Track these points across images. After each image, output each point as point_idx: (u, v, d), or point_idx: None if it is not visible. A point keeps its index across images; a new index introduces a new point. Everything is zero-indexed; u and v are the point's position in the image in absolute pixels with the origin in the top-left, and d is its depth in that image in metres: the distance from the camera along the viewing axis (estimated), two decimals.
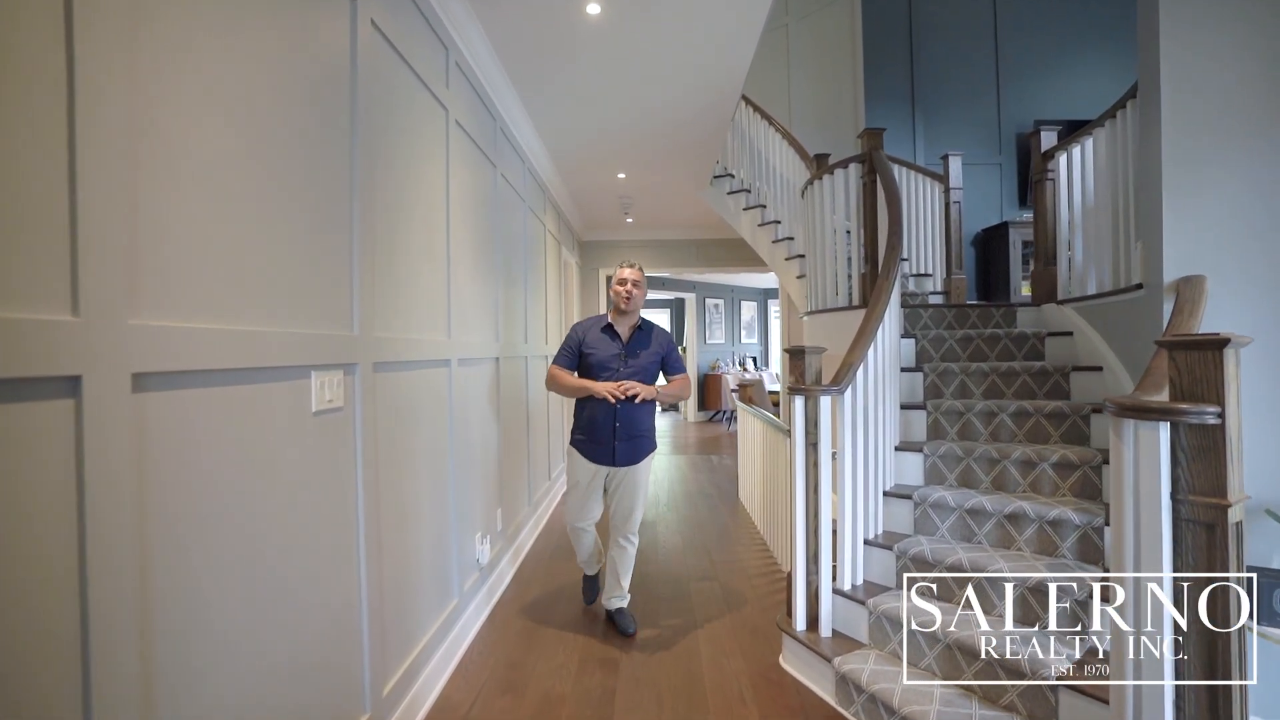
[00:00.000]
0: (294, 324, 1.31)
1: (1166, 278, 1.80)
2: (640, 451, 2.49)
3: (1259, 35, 1.72)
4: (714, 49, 2.74)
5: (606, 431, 2.43)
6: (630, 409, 2.42)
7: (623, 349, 2.48)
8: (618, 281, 2.50)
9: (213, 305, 1.06)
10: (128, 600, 0.87)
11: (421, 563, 2.04)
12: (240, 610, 1.13)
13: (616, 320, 2.52)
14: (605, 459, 2.46)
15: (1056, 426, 2.45)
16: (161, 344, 0.93)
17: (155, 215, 0.94)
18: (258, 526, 1.19)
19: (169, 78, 0.98)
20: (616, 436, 2.43)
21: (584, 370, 2.51)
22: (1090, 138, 2.75)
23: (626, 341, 2.49)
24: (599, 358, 2.47)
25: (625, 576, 2.59)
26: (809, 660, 2.16)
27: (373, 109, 1.70)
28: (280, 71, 1.28)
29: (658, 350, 2.53)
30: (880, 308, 2.39)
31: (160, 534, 0.94)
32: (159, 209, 0.95)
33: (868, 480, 2.30)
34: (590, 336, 2.51)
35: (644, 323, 2.57)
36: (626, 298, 2.47)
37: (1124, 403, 1.24)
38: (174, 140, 0.99)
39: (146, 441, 0.92)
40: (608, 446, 2.44)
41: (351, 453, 1.57)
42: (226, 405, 1.10)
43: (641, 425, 2.49)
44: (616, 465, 2.46)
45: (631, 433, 2.45)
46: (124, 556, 0.86)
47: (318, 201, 1.43)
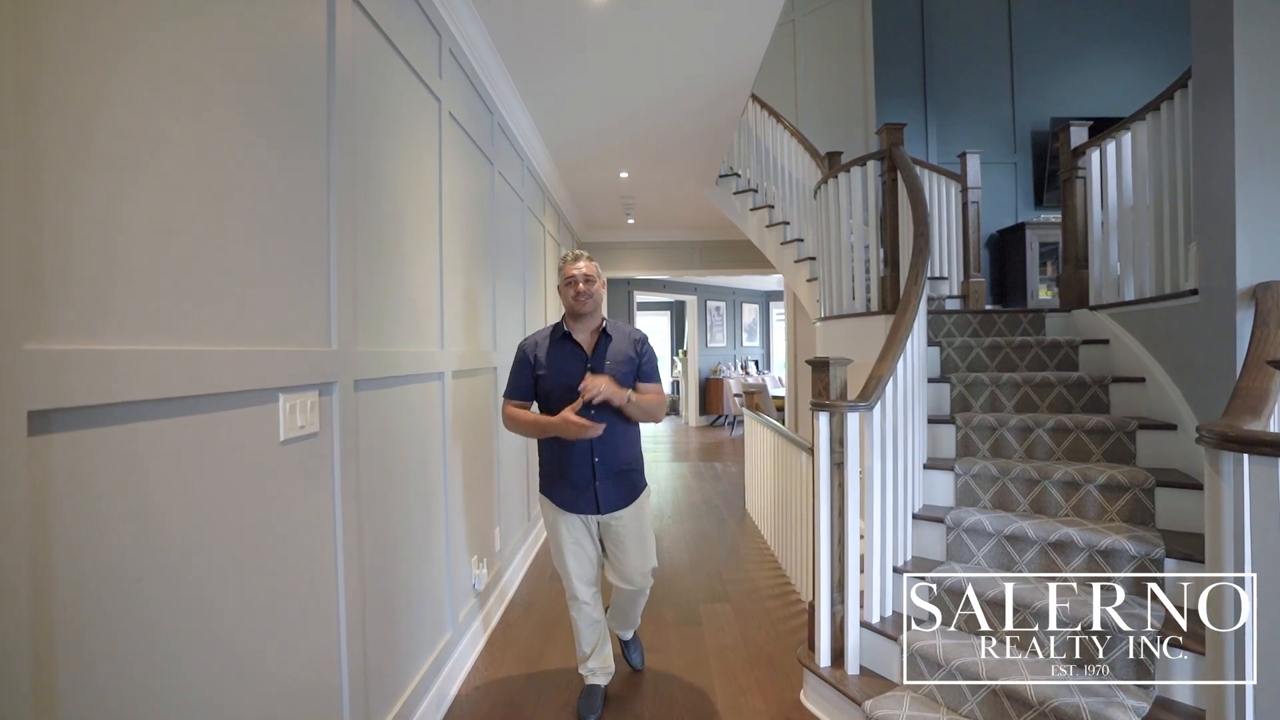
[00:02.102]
0: (256, 340, 1.12)
1: (1240, 283, 1.62)
2: (631, 490, 1.97)
3: None
4: (726, 37, 2.56)
5: (582, 470, 1.90)
6: (610, 437, 1.89)
7: (589, 361, 1.94)
8: (565, 280, 1.94)
9: (147, 323, 0.88)
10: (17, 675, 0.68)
11: (410, 598, 1.85)
12: (187, 675, 0.94)
13: (574, 327, 1.98)
14: (587, 506, 1.93)
15: (1099, 443, 2.27)
16: (72, 373, 0.74)
17: (68, 215, 0.76)
18: (210, 586, 1.00)
19: (116, 59, 0.79)
20: (596, 475, 1.91)
21: (543, 397, 1.95)
22: (1127, 133, 2.58)
23: (591, 351, 1.96)
24: (559, 377, 1.92)
25: (635, 614, 2.19)
26: (834, 700, 1.97)
27: (355, 98, 1.52)
28: (243, 54, 1.10)
29: (631, 354, 1.98)
30: (909, 315, 2.20)
31: (72, 600, 0.76)
32: (71, 207, 0.77)
33: (896, 502, 2.12)
34: (543, 353, 1.97)
35: (609, 324, 2.01)
36: (582, 298, 1.93)
37: (1228, 433, 1.06)
38: (94, 124, 0.80)
39: (50, 494, 0.73)
40: (586, 490, 1.92)
41: (329, 483, 1.39)
42: (166, 443, 0.91)
43: (627, 454, 1.97)
44: (602, 513, 1.94)
45: (614, 467, 1.93)
46: (16, 657, 0.68)
47: (288, 201, 1.24)
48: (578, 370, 1.92)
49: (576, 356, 1.95)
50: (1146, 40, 5.00)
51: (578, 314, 1.96)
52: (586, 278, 1.94)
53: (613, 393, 1.82)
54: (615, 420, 1.91)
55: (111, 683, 0.81)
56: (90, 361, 0.77)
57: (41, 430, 0.71)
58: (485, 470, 2.71)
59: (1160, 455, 2.19)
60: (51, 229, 0.74)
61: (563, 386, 1.90)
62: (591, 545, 2.01)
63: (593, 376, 1.84)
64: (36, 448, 0.71)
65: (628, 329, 2.05)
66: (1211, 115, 1.78)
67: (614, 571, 2.06)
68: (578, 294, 1.93)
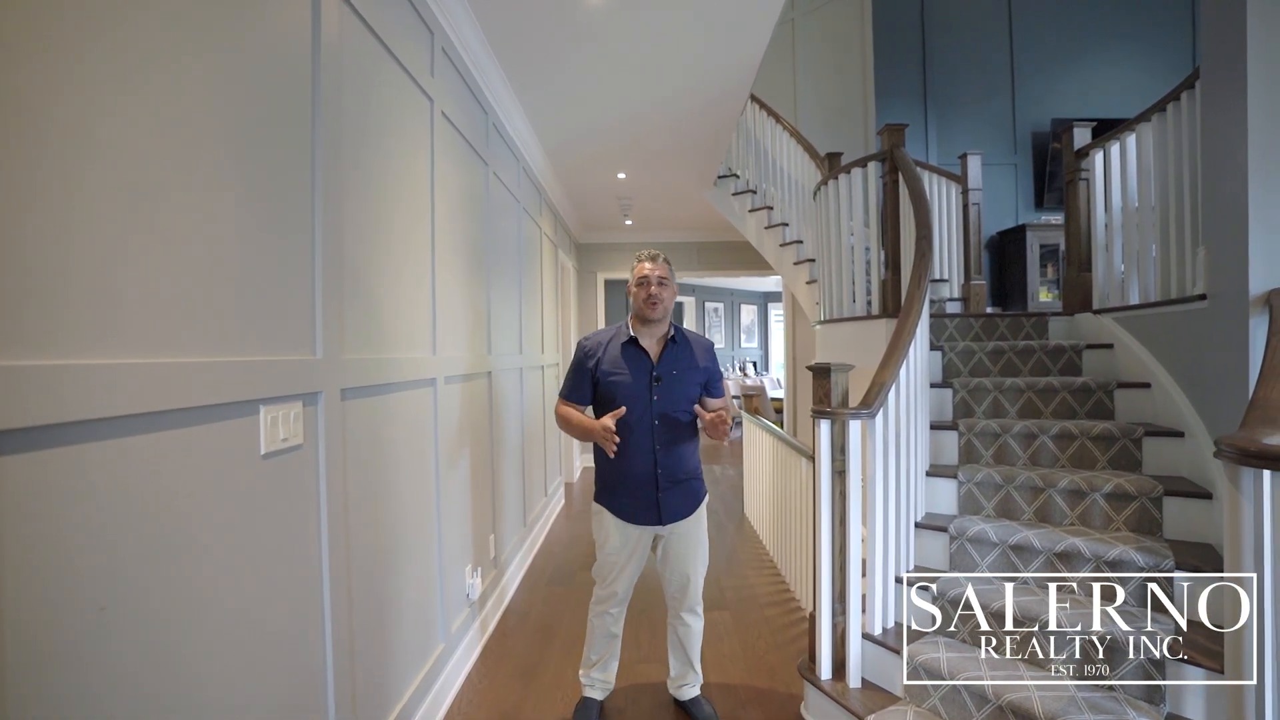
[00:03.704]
0: (233, 350, 1.07)
1: (1253, 289, 1.58)
2: (692, 500, 1.92)
3: None
4: (726, 37, 2.51)
5: (645, 482, 1.84)
6: (673, 439, 1.84)
7: (654, 369, 1.85)
8: (636, 281, 1.86)
9: (108, 333, 0.83)
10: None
11: (402, 611, 1.80)
12: (156, 708, 0.89)
13: (640, 331, 1.88)
14: (649, 518, 1.86)
15: (1104, 450, 2.23)
16: (18, 390, 0.69)
17: (30, 225, 0.71)
18: (184, 602, 0.95)
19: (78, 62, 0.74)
20: (659, 486, 1.84)
21: (603, 403, 1.87)
22: (1132, 134, 2.54)
23: (658, 359, 1.86)
24: (624, 384, 1.82)
25: (696, 656, 2.04)
26: (836, 714, 1.93)
27: (342, 97, 1.47)
28: (220, 50, 1.05)
29: (700, 365, 1.90)
30: (912, 320, 2.16)
31: (17, 636, 0.71)
32: (22, 216, 0.72)
33: (898, 511, 2.08)
34: (607, 356, 1.86)
35: (677, 331, 1.91)
36: (653, 303, 1.82)
37: (1250, 448, 1.02)
38: (48, 123, 0.75)
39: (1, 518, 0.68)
40: (649, 502, 1.84)
41: (314, 497, 1.34)
42: (138, 459, 0.86)
43: (688, 464, 1.90)
44: (664, 523, 1.87)
45: (677, 476, 1.86)
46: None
47: (269, 204, 1.19)
48: (642, 379, 1.83)
49: (641, 365, 1.85)
50: (1147, 41, 4.97)
51: (646, 319, 1.86)
52: (660, 280, 1.83)
53: (717, 426, 1.77)
54: (681, 431, 1.87)
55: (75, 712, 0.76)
56: (41, 377, 0.72)
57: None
58: (481, 477, 2.66)
59: (1167, 463, 2.15)
60: (8, 243, 0.69)
61: (626, 395, 1.81)
62: (640, 559, 1.94)
63: (722, 410, 1.82)
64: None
65: (698, 337, 1.97)
66: (1222, 118, 1.74)
67: (667, 585, 1.98)
68: (649, 297, 1.82)
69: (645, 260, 1.87)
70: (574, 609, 2.83)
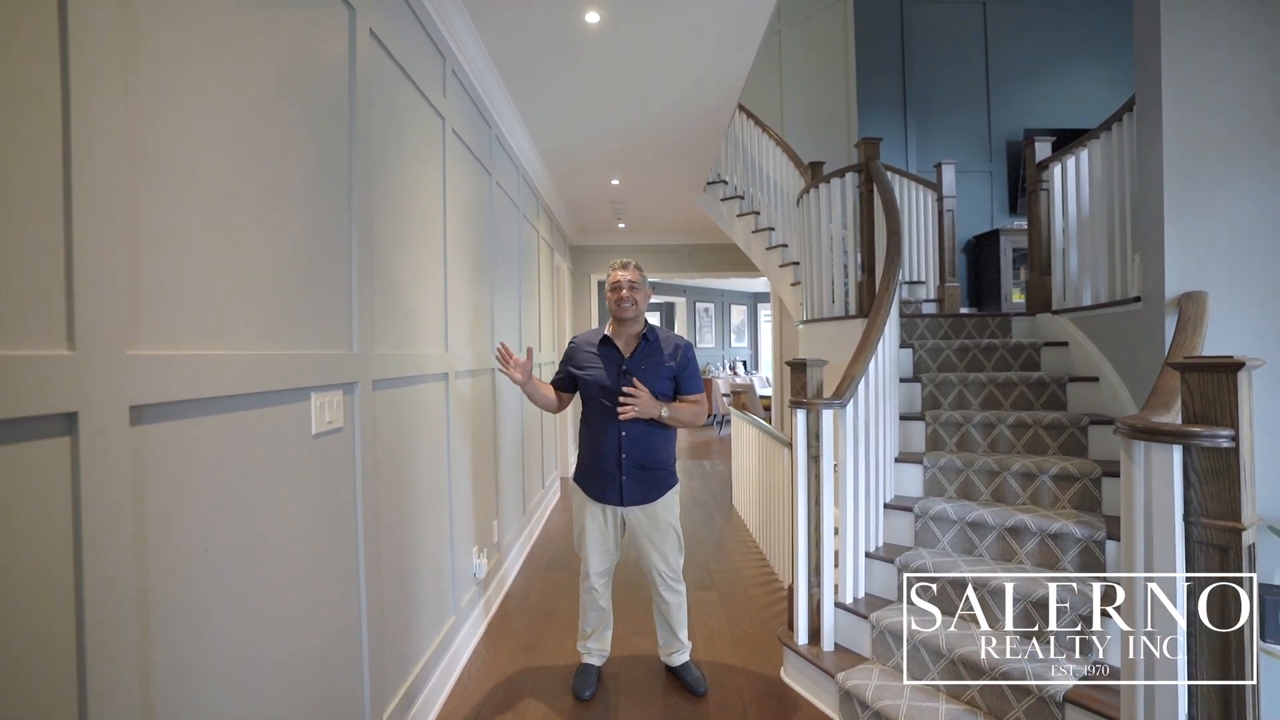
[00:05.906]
0: (293, 345, 1.27)
1: (1169, 293, 1.82)
2: (658, 487, 2.07)
3: (1262, 52, 1.73)
4: (713, 57, 2.72)
5: (610, 462, 2.02)
6: (642, 432, 2.01)
7: (623, 364, 2.05)
8: (610, 286, 2.08)
9: (212, 330, 1.03)
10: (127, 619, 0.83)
11: (421, 581, 2.00)
12: (241, 635, 1.09)
13: (616, 331, 2.11)
14: (611, 497, 2.04)
15: (1055, 438, 2.46)
16: (160, 374, 0.89)
17: (154, 239, 0.91)
18: (258, 553, 1.15)
19: (165, 94, 0.94)
20: (623, 469, 2.02)
21: (584, 398, 2.12)
22: (1085, 150, 2.77)
23: (629, 355, 2.07)
24: (594, 377, 2.05)
25: (681, 628, 2.21)
26: (811, 674, 2.15)
27: (371, 120, 1.66)
28: (277, 83, 1.25)
29: (669, 363, 2.06)
30: (880, 320, 2.38)
31: (160, 563, 0.90)
32: (157, 232, 0.91)
33: (869, 492, 2.30)
34: (586, 353, 2.11)
35: (650, 330, 2.12)
36: (625, 304, 2.04)
37: (1136, 424, 1.24)
38: (171, 160, 0.95)
39: (145, 474, 0.88)
40: (613, 482, 2.03)
41: (351, 474, 1.53)
42: (226, 432, 1.06)
43: (657, 455, 2.06)
44: (624, 505, 2.05)
45: (643, 463, 2.03)
46: (122, 585, 0.82)
47: (317, 217, 1.39)
48: (612, 373, 2.04)
49: (612, 361, 2.07)
50: (1114, 56, 5.24)
51: (620, 319, 2.08)
52: (630, 284, 2.05)
53: (646, 409, 1.95)
54: (649, 422, 2.03)
55: (193, 617, 0.96)
56: (175, 364, 0.92)
57: (139, 422, 0.87)
58: (485, 466, 2.85)
59: (1110, 448, 2.38)
60: (144, 256, 0.89)
61: (597, 388, 2.04)
62: (612, 536, 2.12)
63: (633, 391, 1.96)
64: (136, 435, 0.86)
65: (670, 336, 2.14)
66: (1148, 138, 1.97)
67: (643, 565, 2.16)
68: (619, 299, 2.05)
69: (619, 268, 2.09)
70: (572, 594, 3.02)
